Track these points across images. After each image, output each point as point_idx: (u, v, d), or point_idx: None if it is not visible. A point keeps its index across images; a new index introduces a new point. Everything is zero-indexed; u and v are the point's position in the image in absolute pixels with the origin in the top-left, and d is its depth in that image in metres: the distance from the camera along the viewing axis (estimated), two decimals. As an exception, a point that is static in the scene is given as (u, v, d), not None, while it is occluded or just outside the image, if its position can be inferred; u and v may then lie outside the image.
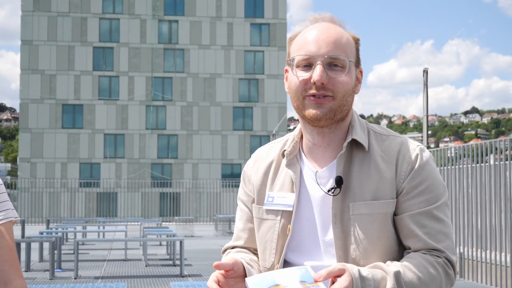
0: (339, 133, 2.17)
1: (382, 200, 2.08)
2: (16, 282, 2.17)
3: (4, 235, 2.20)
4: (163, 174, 61.54)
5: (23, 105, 61.70)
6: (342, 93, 2.09)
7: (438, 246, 2.06)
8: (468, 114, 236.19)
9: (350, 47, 2.12)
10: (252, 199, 2.31)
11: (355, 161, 2.14)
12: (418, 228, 2.07)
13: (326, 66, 2.07)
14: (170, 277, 13.86)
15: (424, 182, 2.10)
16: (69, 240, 23.96)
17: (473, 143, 13.57)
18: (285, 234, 2.17)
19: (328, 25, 2.14)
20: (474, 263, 12.95)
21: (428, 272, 2.01)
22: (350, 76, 2.11)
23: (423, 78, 19.07)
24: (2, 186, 2.26)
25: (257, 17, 64.79)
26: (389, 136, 2.19)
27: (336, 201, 2.10)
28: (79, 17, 62.73)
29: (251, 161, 2.37)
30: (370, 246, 2.07)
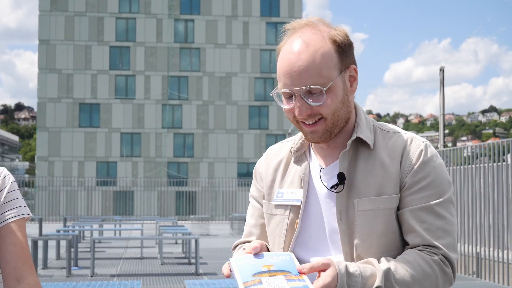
0: (344, 134, 2.19)
1: (386, 195, 2.09)
2: (29, 279, 2.18)
3: (16, 232, 2.22)
4: (179, 173, 61.68)
5: (41, 104, 62.03)
6: (330, 113, 2.09)
7: (436, 243, 2.05)
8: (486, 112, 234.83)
9: (326, 63, 2.07)
10: (263, 195, 2.34)
11: (360, 158, 2.15)
12: (418, 223, 2.06)
13: (304, 96, 2.06)
14: (185, 276, 13.90)
15: (427, 177, 2.10)
16: (86, 238, 24.07)
17: (490, 142, 13.48)
18: (293, 229, 2.20)
19: (300, 46, 2.08)
20: (491, 263, 12.88)
21: (422, 270, 2.00)
22: (335, 92, 2.08)
23: (440, 77, 19.00)
24: (14, 184, 2.28)
25: (273, 16, 64.79)
26: (395, 133, 2.20)
27: (341, 198, 2.12)
28: (96, 16, 62.98)
29: (263, 158, 2.40)
30: (375, 241, 2.08)
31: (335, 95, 2.08)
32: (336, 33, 2.13)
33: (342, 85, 2.10)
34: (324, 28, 2.13)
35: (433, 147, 2.20)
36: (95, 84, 62.60)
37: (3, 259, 2.17)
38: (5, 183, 2.26)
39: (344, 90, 2.11)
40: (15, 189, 2.27)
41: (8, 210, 2.23)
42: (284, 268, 1.95)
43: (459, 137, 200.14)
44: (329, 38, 2.10)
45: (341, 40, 2.11)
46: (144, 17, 63.55)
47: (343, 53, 2.11)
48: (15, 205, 2.24)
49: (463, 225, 14.01)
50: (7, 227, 2.20)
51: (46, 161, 61.31)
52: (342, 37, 2.12)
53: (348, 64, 2.13)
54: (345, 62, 2.12)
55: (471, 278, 13.33)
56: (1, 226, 2.20)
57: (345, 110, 2.12)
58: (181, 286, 12.29)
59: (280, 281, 1.89)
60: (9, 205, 2.24)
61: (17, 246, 2.19)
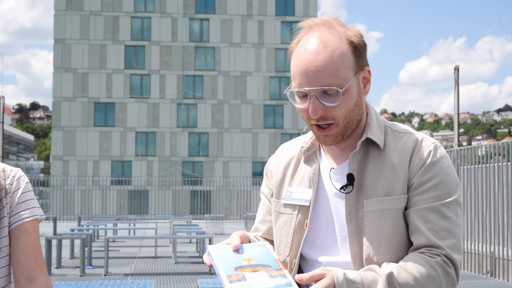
0: (355, 134, 2.18)
1: (394, 196, 2.09)
2: (41, 279, 2.19)
3: (30, 232, 2.23)
4: (194, 172, 61.77)
5: (56, 103, 62.29)
6: (343, 116, 2.08)
7: (439, 243, 2.04)
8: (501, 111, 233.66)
9: (343, 64, 2.06)
10: (272, 192, 2.34)
11: (370, 159, 2.15)
12: (423, 223, 2.06)
13: (320, 96, 2.06)
14: (199, 275, 13.92)
15: (434, 178, 2.09)
16: (100, 237, 24.13)
17: (504, 141, 13.41)
18: (302, 229, 2.20)
19: (317, 46, 2.07)
20: (505, 262, 12.82)
21: (425, 272, 1.99)
22: (350, 93, 2.08)
23: (454, 76, 18.94)
24: (28, 185, 2.30)
25: (288, 14, 64.76)
26: (406, 133, 2.19)
27: (351, 199, 2.12)
28: (111, 15, 63.17)
29: (274, 156, 2.41)
30: (384, 242, 2.07)
31: (350, 96, 2.08)
32: (352, 33, 2.12)
33: (356, 87, 2.10)
34: (340, 28, 2.12)
35: (444, 148, 2.19)
36: (110, 83, 62.80)
37: (16, 259, 2.19)
38: (19, 184, 2.28)
39: (358, 92, 2.11)
40: (29, 190, 2.29)
41: (23, 210, 2.25)
42: (264, 262, 1.96)
43: (474, 136, 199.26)
44: (346, 39, 2.09)
45: (357, 41, 2.11)
46: (159, 16, 63.69)
47: (358, 54, 2.10)
48: (29, 205, 2.26)
49: (477, 224, 13.95)
50: (21, 227, 2.22)
51: (61, 160, 61.56)
52: (358, 38, 2.11)
53: (363, 66, 2.13)
54: (360, 64, 2.12)
55: (485, 278, 13.27)
56: (15, 226, 2.22)
57: (357, 112, 2.13)
58: (194, 285, 12.31)
59: (263, 277, 1.90)
60: (24, 205, 2.26)
61: (30, 247, 2.21)
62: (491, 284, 12.52)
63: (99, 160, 62.01)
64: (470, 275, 13.69)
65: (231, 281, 1.87)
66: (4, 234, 2.20)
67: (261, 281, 1.88)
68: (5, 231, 2.21)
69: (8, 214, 2.23)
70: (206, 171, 62.42)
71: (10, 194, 2.25)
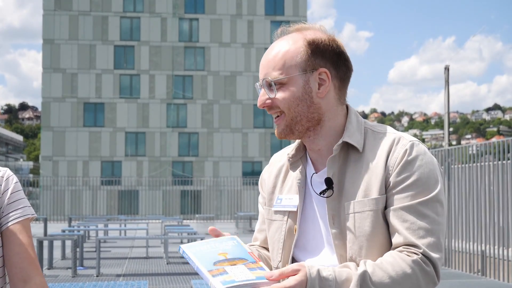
0: (328, 137, 2.21)
1: (372, 196, 2.10)
2: (36, 279, 2.18)
3: (22, 232, 2.22)
4: (184, 172, 61.73)
5: (45, 104, 62.13)
6: (287, 107, 2.15)
7: (416, 242, 2.02)
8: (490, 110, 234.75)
9: (287, 60, 2.15)
10: (265, 201, 2.39)
11: (350, 162, 2.17)
12: (400, 222, 2.05)
13: (267, 88, 2.17)
14: (191, 275, 13.90)
15: (410, 177, 2.08)
16: (91, 238, 24.08)
17: (495, 141, 13.47)
18: (292, 234, 2.24)
19: (273, 45, 2.23)
20: (496, 261, 12.86)
21: (401, 270, 1.98)
22: (290, 88, 2.15)
23: (445, 75, 18.96)
24: (18, 184, 2.28)
25: (277, 14, 64.80)
26: (385, 133, 2.20)
27: (333, 202, 2.15)
28: (100, 16, 63.05)
29: (267, 166, 2.46)
30: (365, 243, 2.08)
31: (290, 91, 2.15)
32: (319, 36, 2.19)
33: (303, 84, 2.15)
34: (309, 31, 2.22)
35: (423, 145, 2.19)
36: (99, 84, 62.68)
37: (9, 260, 2.18)
38: (8, 184, 2.26)
39: (305, 89, 2.15)
40: (18, 190, 2.27)
41: (13, 211, 2.23)
42: (239, 256, 1.99)
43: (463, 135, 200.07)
44: (305, 39, 2.18)
45: (316, 42, 2.17)
46: (148, 16, 63.61)
47: (314, 54, 2.16)
48: (19, 205, 2.25)
49: (468, 223, 13.99)
50: (13, 228, 2.21)
51: (50, 160, 61.40)
52: (321, 41, 2.17)
53: (317, 67, 2.16)
54: (313, 64, 2.16)
55: (476, 276, 13.31)
56: (7, 227, 2.21)
57: (304, 108, 2.16)
58: (188, 285, 12.29)
59: (242, 270, 1.93)
60: (13, 205, 2.24)
61: (22, 247, 2.19)
62: (482, 283, 12.55)
63: (89, 161, 61.88)
64: (462, 274, 13.73)
65: (213, 275, 1.89)
66: (-4, 236, 2.18)
67: (242, 274, 1.91)
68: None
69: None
70: (196, 171, 62.40)
71: (0, 195, 2.23)
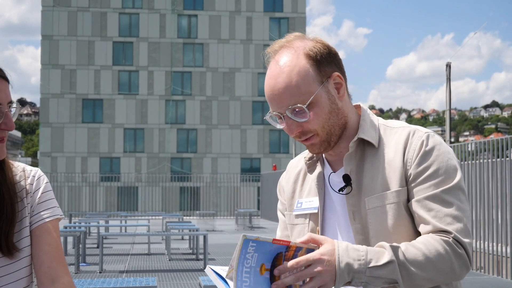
0: (348, 137, 2.23)
1: (392, 189, 2.12)
2: (64, 279, 2.18)
3: (51, 232, 2.23)
4: (182, 169, 61.69)
5: (44, 100, 62.03)
6: (320, 126, 2.14)
7: (446, 228, 2.02)
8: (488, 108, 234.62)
9: (303, 80, 2.11)
10: (286, 207, 2.42)
11: (367, 158, 2.19)
12: (426, 212, 2.06)
13: (291, 115, 2.13)
14: (195, 272, 13.91)
15: (430, 167, 2.10)
16: (92, 234, 24.08)
17: (493, 138, 13.50)
18: None
19: (276, 70, 2.14)
20: (496, 258, 12.90)
21: (434, 249, 1.98)
22: (319, 105, 2.12)
23: (446, 72, 18.99)
24: (48, 184, 2.30)
25: (276, 11, 64.72)
26: (399, 128, 2.22)
27: (353, 199, 2.17)
28: (99, 12, 62.94)
29: (285, 172, 2.48)
30: (388, 237, 2.10)
31: (320, 108, 2.13)
32: (312, 45, 2.16)
33: (326, 96, 2.14)
34: (299, 44, 2.17)
35: (439, 136, 2.21)
36: (98, 80, 62.58)
37: (38, 259, 2.19)
38: (40, 184, 2.28)
39: (330, 100, 2.15)
40: (49, 190, 2.29)
41: (43, 210, 2.25)
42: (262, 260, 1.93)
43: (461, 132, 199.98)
44: (303, 54, 2.14)
45: (315, 52, 2.14)
46: (147, 13, 63.51)
47: (320, 64, 2.14)
48: (49, 205, 2.27)
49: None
50: (42, 227, 2.22)
51: (49, 157, 61.32)
52: (317, 49, 2.15)
53: (330, 73, 2.16)
54: (325, 73, 2.15)
55: (478, 273, 13.35)
56: (36, 226, 2.22)
57: (335, 118, 2.16)
58: (195, 282, 12.30)
59: None
60: (44, 205, 2.26)
61: (51, 246, 2.21)
62: (484, 280, 12.59)
63: (87, 157, 61.81)
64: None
65: None
66: (26, 235, 2.21)
67: None
68: (26, 231, 2.21)
69: (29, 214, 2.23)
70: (195, 167, 62.35)
71: (31, 194, 2.26)
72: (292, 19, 64.31)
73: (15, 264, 2.17)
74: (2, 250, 2.14)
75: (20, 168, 2.30)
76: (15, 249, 2.16)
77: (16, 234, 2.19)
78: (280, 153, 63.72)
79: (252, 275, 1.89)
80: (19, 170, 2.29)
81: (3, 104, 2.13)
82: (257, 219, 34.72)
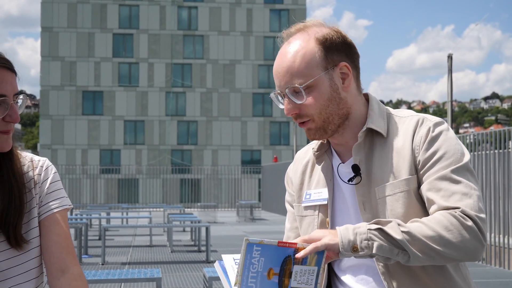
0: (354, 128, 2.22)
1: (402, 178, 2.11)
2: (73, 269, 2.18)
3: (60, 222, 2.22)
4: (183, 161, 61.74)
5: (44, 92, 62.04)
6: (316, 112, 2.14)
7: (453, 205, 2.01)
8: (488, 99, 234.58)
9: (307, 62, 2.13)
10: (295, 199, 2.40)
11: (376, 148, 2.19)
12: (434, 193, 2.05)
13: (290, 95, 2.14)
14: (198, 263, 13.91)
15: (438, 151, 2.09)
16: (93, 226, 24.09)
17: (492, 130, 13.49)
18: (325, 227, 2.25)
19: (285, 50, 2.19)
20: (499, 249, 12.91)
21: (438, 222, 1.96)
22: (318, 90, 2.13)
23: (448, 64, 18.95)
24: (56, 174, 2.29)
25: (276, 3, 64.66)
26: (408, 116, 2.22)
27: (362, 189, 2.17)
28: (99, 3, 62.88)
29: (292, 163, 2.47)
30: None
31: (319, 93, 2.14)
32: (326, 32, 2.18)
33: (329, 83, 2.15)
34: (314, 29, 2.20)
35: (446, 124, 2.21)
36: (98, 72, 62.58)
37: (47, 250, 2.18)
38: (48, 174, 2.27)
39: (332, 88, 2.15)
40: (57, 180, 2.28)
41: (52, 200, 2.24)
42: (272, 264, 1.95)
43: (461, 123, 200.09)
44: (315, 38, 2.16)
45: (327, 38, 2.16)
46: (147, 4, 63.44)
47: (329, 51, 2.15)
48: (58, 195, 2.26)
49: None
50: (51, 218, 2.21)
51: (49, 149, 61.36)
52: (330, 36, 2.17)
53: (337, 62, 2.16)
54: (333, 60, 2.16)
55: (480, 264, 13.36)
56: (45, 216, 2.21)
57: (335, 107, 2.16)
58: (199, 274, 12.31)
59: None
60: (53, 195, 2.25)
61: (61, 237, 2.20)
62: (486, 271, 12.61)
63: (88, 149, 61.86)
64: (464, 262, 13.74)
65: None
66: (34, 225, 2.20)
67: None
68: (35, 222, 2.20)
69: (37, 205, 2.23)
70: (195, 159, 62.40)
71: (39, 185, 2.25)
72: (292, 10, 64.23)
73: (24, 255, 2.16)
74: (11, 241, 2.13)
75: (28, 158, 2.29)
76: (24, 241, 2.15)
77: (25, 225, 2.18)
78: (280, 145, 63.77)
79: (258, 280, 1.90)
80: (27, 161, 2.28)
81: (9, 96, 2.11)
82: (258, 211, 34.75)
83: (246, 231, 22.13)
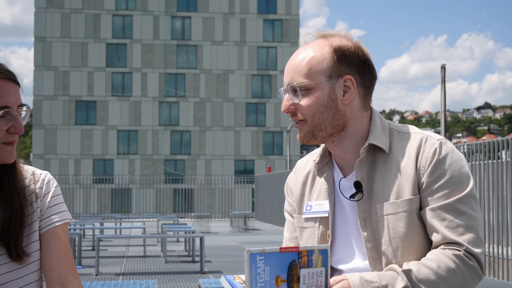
0: (352, 142, 2.22)
1: (405, 197, 2.11)
2: (74, 284, 2.18)
3: (61, 236, 2.22)
4: (176, 170, 61.64)
5: (37, 102, 61.91)
6: (310, 115, 2.15)
7: (457, 239, 2.03)
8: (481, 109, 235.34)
9: (313, 66, 2.15)
10: (295, 209, 2.40)
11: (378, 164, 2.18)
12: (439, 221, 2.06)
13: (290, 92, 2.18)
14: (193, 274, 13.86)
15: (444, 175, 2.10)
16: (87, 236, 24.01)
17: (485, 140, 13.53)
18: (325, 240, 2.25)
19: (300, 50, 2.22)
20: (492, 259, 12.92)
21: (446, 266, 1.99)
22: (315, 94, 2.15)
23: (441, 74, 19.00)
24: (57, 188, 2.29)
25: (270, 13, 64.75)
26: (411, 133, 2.21)
27: (364, 205, 2.16)
28: (92, 13, 62.88)
29: (292, 173, 2.47)
30: (400, 245, 2.10)
31: (316, 98, 2.15)
32: (344, 43, 2.19)
33: (328, 91, 2.15)
34: (335, 38, 2.22)
35: (450, 143, 2.21)
36: (91, 82, 62.51)
37: (48, 264, 2.18)
38: (49, 187, 2.27)
39: (330, 97, 2.15)
40: (58, 194, 2.28)
41: (53, 214, 2.24)
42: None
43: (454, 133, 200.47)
44: (330, 46, 2.18)
45: (342, 49, 2.17)
46: (141, 14, 63.47)
47: (339, 61, 2.16)
48: (59, 209, 2.25)
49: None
50: (52, 231, 2.21)
51: (42, 158, 61.20)
52: (347, 48, 2.17)
53: (343, 74, 2.16)
54: (339, 71, 2.16)
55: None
56: (46, 230, 2.21)
57: (329, 116, 2.16)
58: (194, 284, 12.27)
59: None
60: (54, 209, 2.25)
61: (61, 251, 2.20)
62: (482, 282, 12.58)
63: (81, 159, 61.72)
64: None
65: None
66: (35, 239, 2.20)
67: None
68: (35, 236, 2.20)
69: (38, 219, 2.22)
70: (189, 169, 62.32)
71: (41, 198, 2.25)
72: (285, 21, 64.33)
73: (24, 268, 2.15)
74: (11, 255, 2.12)
75: (30, 171, 2.29)
76: (24, 254, 2.14)
77: (25, 238, 2.17)
78: (274, 155, 63.74)
79: None
80: (28, 174, 2.28)
81: (13, 107, 2.12)
82: (252, 221, 34.68)
83: (240, 241, 22.08)
